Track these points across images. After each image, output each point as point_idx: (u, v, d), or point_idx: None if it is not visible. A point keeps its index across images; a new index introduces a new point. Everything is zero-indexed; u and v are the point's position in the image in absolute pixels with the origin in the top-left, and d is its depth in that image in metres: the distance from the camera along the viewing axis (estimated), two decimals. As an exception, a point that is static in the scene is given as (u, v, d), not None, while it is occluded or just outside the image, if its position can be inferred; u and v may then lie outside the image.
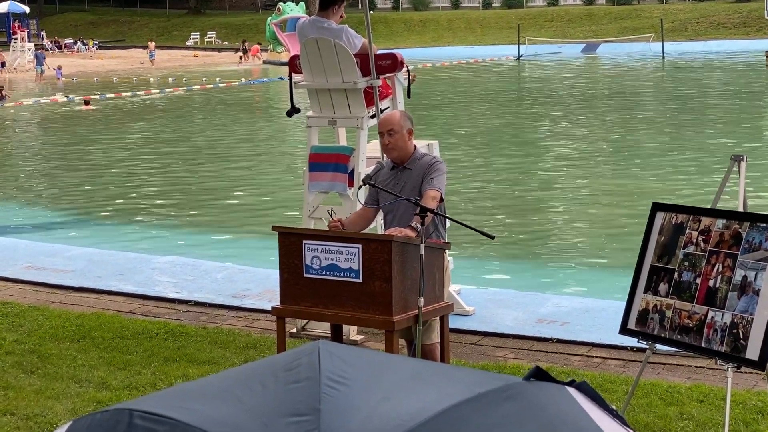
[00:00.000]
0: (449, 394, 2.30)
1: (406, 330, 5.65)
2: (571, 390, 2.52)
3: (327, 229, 7.30)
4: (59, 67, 47.21)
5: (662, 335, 5.25)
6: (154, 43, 59.26)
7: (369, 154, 7.71)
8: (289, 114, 8.08)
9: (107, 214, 15.56)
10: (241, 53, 59.41)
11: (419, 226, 5.38)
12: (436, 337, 5.79)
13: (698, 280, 5.12)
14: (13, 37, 57.59)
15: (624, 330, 5.46)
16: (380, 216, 6.44)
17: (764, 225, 4.94)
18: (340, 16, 7.66)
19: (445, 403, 2.24)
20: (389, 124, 5.95)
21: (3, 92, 36.96)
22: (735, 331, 4.89)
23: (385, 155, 6.22)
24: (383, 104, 7.68)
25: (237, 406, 2.31)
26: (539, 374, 2.50)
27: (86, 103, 33.31)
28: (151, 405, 2.38)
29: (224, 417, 2.27)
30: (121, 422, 2.34)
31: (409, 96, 7.91)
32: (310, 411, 2.20)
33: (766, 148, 20.54)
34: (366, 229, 7.19)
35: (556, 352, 7.25)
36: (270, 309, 6.00)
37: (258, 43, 57.15)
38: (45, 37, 69.75)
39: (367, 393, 2.29)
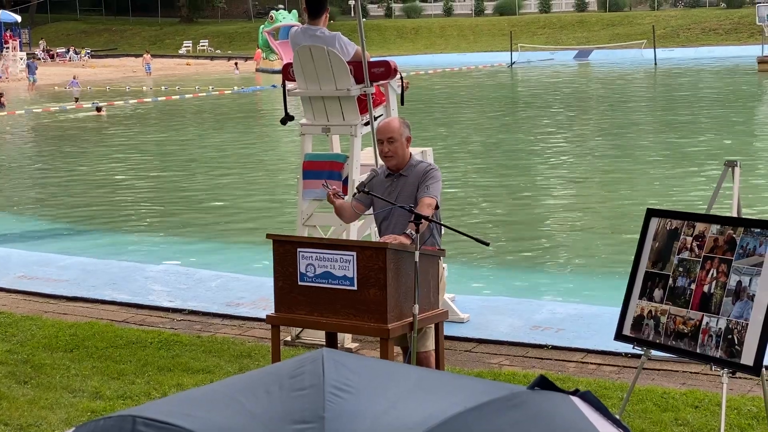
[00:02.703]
0: (454, 402, 2.29)
1: (401, 337, 5.64)
2: (576, 399, 2.52)
3: (323, 235, 7.31)
4: (75, 78, 47.35)
5: (657, 341, 5.25)
6: (150, 55, 58.60)
7: (363, 161, 7.70)
8: (283, 122, 8.07)
9: (101, 223, 15.53)
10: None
11: (414, 233, 5.37)
12: (431, 345, 5.78)
13: (693, 286, 5.12)
14: (5, 46, 57.52)
15: (619, 336, 5.46)
16: (374, 223, 6.43)
17: (758, 230, 4.94)
18: (327, 18, 7.67)
19: (450, 412, 2.23)
20: (389, 131, 5.93)
21: (2, 99, 36.98)
22: (730, 336, 4.89)
23: (381, 162, 6.21)
24: (377, 111, 7.68)
25: (241, 413, 2.31)
26: (544, 383, 2.50)
27: (98, 110, 33.80)
28: (154, 411, 2.37)
29: (228, 424, 2.26)
30: (125, 429, 2.33)
31: (402, 103, 7.91)
32: (315, 418, 2.19)
33: (760, 153, 20.59)
34: (360, 236, 7.19)
35: (550, 359, 7.24)
36: (264, 317, 5.98)
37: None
38: (45, 45, 69.70)
39: (372, 401, 2.29)
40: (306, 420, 2.20)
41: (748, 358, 4.80)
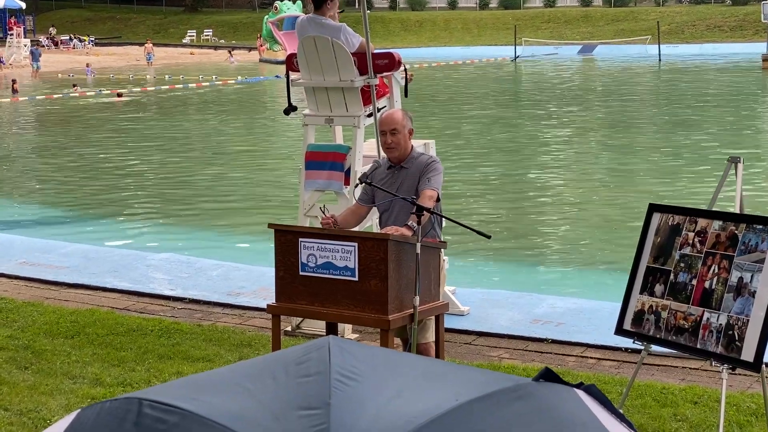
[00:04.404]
0: (460, 392, 2.30)
1: (402, 329, 5.65)
2: (580, 392, 2.53)
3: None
4: (88, 65, 47.43)
5: (658, 336, 5.25)
6: (152, 45, 58.42)
7: (365, 152, 7.70)
8: (287, 112, 8.07)
9: (103, 210, 15.54)
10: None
11: (415, 225, 5.38)
12: (431, 336, 5.79)
13: (694, 282, 5.12)
14: (9, 32, 57.49)
15: (619, 330, 5.46)
16: (376, 214, 6.43)
17: (760, 227, 4.94)
18: (337, 11, 7.64)
19: (455, 402, 2.24)
20: (392, 123, 5.93)
21: (15, 85, 37.34)
22: (730, 332, 4.89)
23: (382, 154, 6.20)
24: (380, 103, 7.67)
25: (247, 398, 2.31)
26: (549, 375, 2.50)
27: (119, 95, 34.51)
28: (160, 395, 2.37)
29: (234, 409, 2.27)
30: (131, 411, 2.34)
31: (406, 95, 7.91)
32: (321, 405, 2.20)
33: (763, 150, 20.57)
34: (361, 227, 7.18)
35: (550, 353, 7.25)
36: (265, 307, 5.99)
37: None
38: (54, 32, 69.62)
39: (378, 389, 2.29)
40: (312, 406, 2.21)
41: (748, 354, 4.80)
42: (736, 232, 5.02)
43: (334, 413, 2.18)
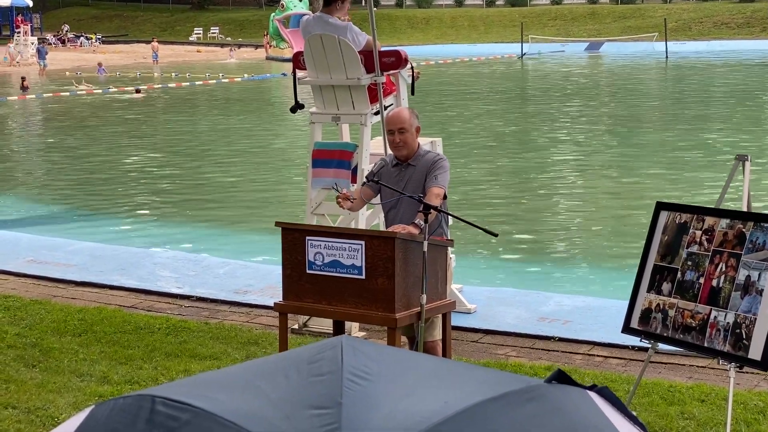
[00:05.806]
0: (471, 392, 2.30)
1: (408, 327, 5.65)
2: (593, 394, 2.53)
3: (331, 224, 7.31)
4: (100, 64, 47.60)
5: (665, 334, 5.25)
6: (157, 42, 58.49)
7: (372, 150, 7.71)
8: (293, 110, 8.07)
9: (110, 208, 15.56)
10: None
11: (422, 223, 5.38)
12: (438, 335, 5.79)
13: (701, 280, 5.12)
14: (16, 30, 57.62)
15: (626, 329, 5.46)
16: (381, 212, 6.44)
17: (768, 225, 4.93)
18: (346, 14, 7.65)
19: (467, 402, 2.24)
20: (400, 122, 5.93)
21: (24, 83, 37.62)
22: (738, 330, 4.89)
23: (389, 151, 6.21)
24: (387, 101, 7.68)
25: (259, 397, 2.32)
26: (561, 377, 2.50)
27: (137, 92, 35.24)
28: (174, 392, 2.38)
29: (246, 407, 2.27)
30: (144, 408, 2.34)
31: (412, 93, 7.91)
32: (332, 404, 2.21)
33: (770, 148, 20.52)
34: (368, 226, 7.20)
35: (557, 351, 7.24)
36: (272, 305, 5.99)
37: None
38: (68, 30, 69.74)
39: (390, 389, 2.30)
40: (323, 405, 2.21)
41: (755, 352, 4.80)
42: (743, 230, 5.02)
43: (345, 412, 2.18)
